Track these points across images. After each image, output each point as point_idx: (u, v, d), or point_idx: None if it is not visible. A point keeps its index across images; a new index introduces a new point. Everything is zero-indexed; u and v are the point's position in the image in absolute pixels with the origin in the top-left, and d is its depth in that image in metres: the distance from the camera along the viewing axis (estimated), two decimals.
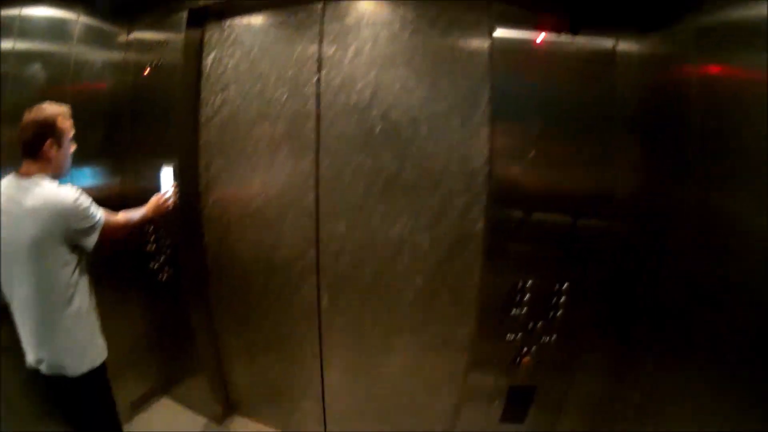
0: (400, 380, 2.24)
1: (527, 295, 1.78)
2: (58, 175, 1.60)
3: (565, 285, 1.75)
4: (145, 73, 2.22)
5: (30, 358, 1.65)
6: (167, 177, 2.10)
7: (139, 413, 2.87)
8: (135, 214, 1.90)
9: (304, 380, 2.48)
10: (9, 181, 1.54)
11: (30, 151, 1.54)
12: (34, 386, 1.85)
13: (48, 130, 1.55)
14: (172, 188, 2.09)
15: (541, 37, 1.68)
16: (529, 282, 1.76)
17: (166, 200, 2.06)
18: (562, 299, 1.77)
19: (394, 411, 2.37)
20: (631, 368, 1.72)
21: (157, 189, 2.09)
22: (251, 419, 2.92)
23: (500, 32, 1.72)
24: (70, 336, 1.60)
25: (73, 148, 1.67)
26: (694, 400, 1.39)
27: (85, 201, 1.55)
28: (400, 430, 2.43)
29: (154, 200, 2.01)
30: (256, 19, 2.12)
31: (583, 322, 1.79)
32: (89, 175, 2.20)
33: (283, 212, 2.12)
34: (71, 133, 1.65)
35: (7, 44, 1.93)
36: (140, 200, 2.01)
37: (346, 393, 2.42)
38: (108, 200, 1.84)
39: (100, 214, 1.62)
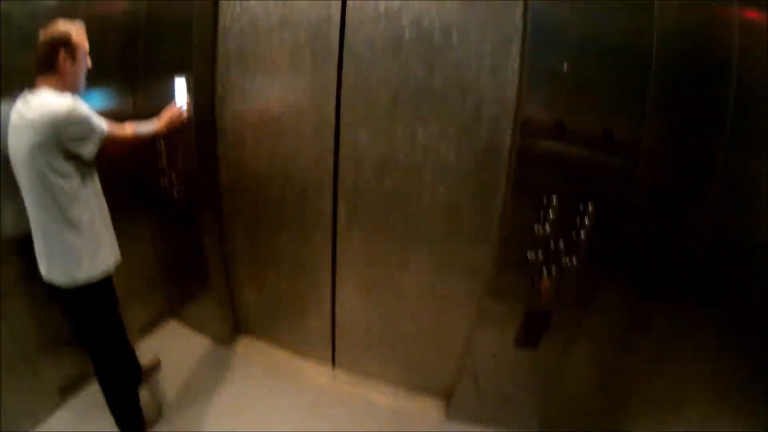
0: (415, 298, 2.22)
1: (551, 213, 1.74)
2: (72, 91, 1.59)
3: (590, 207, 1.72)
4: None
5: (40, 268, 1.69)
6: (181, 88, 2.03)
7: (146, 336, 2.87)
8: (145, 126, 1.85)
9: (314, 297, 2.47)
10: (22, 97, 1.55)
11: (44, 64, 1.55)
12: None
13: (62, 43, 1.55)
14: (186, 100, 2.03)
15: None
16: (555, 199, 1.73)
17: (180, 112, 2.00)
18: (586, 221, 1.74)
19: (407, 330, 2.36)
20: (646, 310, 1.70)
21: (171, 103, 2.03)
22: (259, 340, 2.93)
23: None
24: (65, 247, 1.62)
25: (88, 63, 1.67)
26: (708, 355, 1.35)
27: (83, 110, 1.53)
28: (411, 350, 2.43)
29: (167, 113, 1.96)
30: None
31: (605, 249, 1.76)
32: (102, 97, 2.14)
33: (301, 121, 2.06)
34: (86, 48, 1.64)
35: None
36: None
37: (358, 310, 2.40)
38: (121, 121, 1.80)
39: (101, 124, 1.60)
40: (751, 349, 1.23)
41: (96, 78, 1.76)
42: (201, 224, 2.36)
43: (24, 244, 1.70)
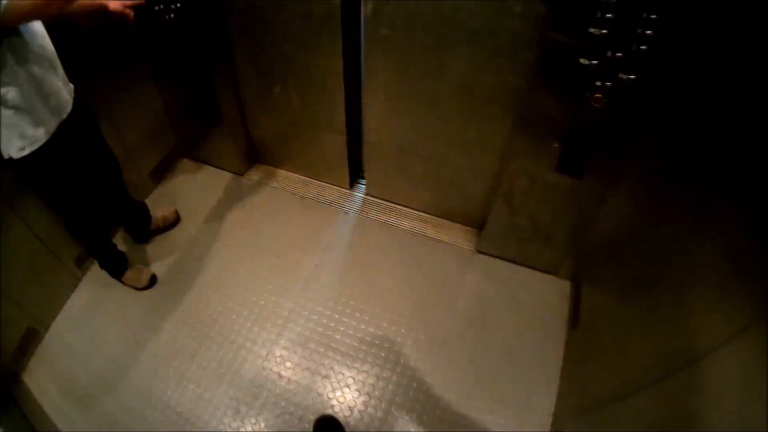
0: (450, 110, 2.02)
1: (610, 15, 1.44)
2: None
3: (654, 16, 1.40)
4: None
5: None
6: None
7: (162, 181, 2.85)
8: None
9: (327, 110, 2.32)
10: None
11: None
12: None
13: None
14: None
15: None
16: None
17: None
18: (649, 32, 1.43)
19: (440, 149, 2.21)
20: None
21: None
22: (276, 167, 2.90)
23: None
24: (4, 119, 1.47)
25: None
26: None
27: None
28: (443, 172, 2.31)
29: None
30: None
31: (665, 73, 1.45)
32: None
33: None
34: None
35: None
36: None
37: (386, 125, 2.26)
38: None
39: None
40: None
41: None
42: (205, 45, 2.14)
43: None
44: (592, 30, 1.46)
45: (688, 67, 1.41)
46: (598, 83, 1.56)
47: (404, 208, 2.67)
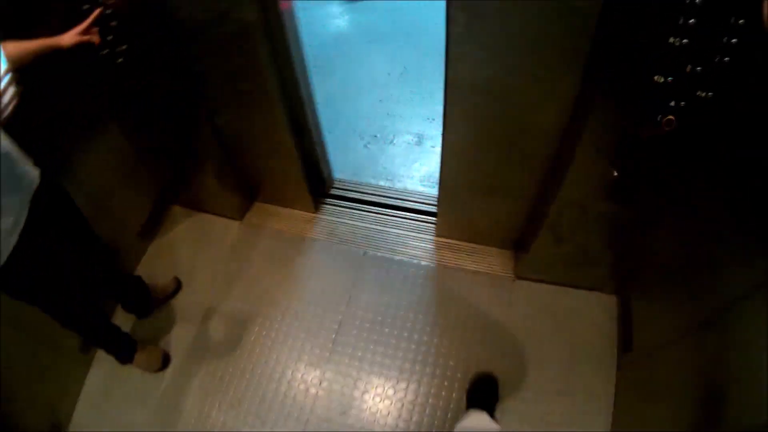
0: (527, 146, 1.75)
1: (693, 21, 1.18)
2: None
3: (741, 21, 1.14)
4: None
5: None
6: None
7: (154, 237, 2.54)
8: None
9: (275, 134, 2.11)
10: None
11: None
12: None
13: None
14: None
15: None
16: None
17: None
18: (734, 42, 1.17)
19: (500, 179, 1.95)
20: None
21: None
22: (273, 205, 2.65)
23: None
24: None
25: None
26: None
27: None
28: (497, 195, 2.04)
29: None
30: None
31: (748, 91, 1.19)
32: None
33: None
34: None
35: None
36: None
37: (464, 169, 1.98)
38: None
39: None
40: None
41: None
42: (170, 78, 1.86)
43: None
44: (672, 40, 1.19)
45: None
46: (672, 103, 1.30)
47: (436, 239, 2.44)
